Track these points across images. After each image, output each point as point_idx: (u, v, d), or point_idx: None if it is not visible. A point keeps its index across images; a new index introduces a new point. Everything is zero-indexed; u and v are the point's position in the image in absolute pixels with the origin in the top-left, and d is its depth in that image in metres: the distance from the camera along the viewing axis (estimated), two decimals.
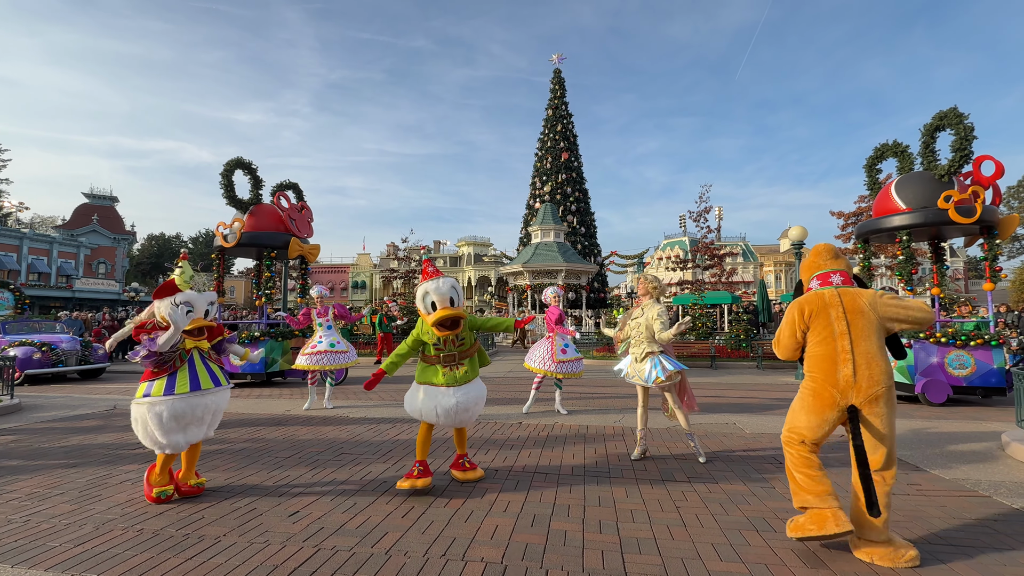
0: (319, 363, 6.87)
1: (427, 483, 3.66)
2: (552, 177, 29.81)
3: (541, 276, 23.04)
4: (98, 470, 4.28)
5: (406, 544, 2.84)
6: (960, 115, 7.51)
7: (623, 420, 6.27)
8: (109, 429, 5.89)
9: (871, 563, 2.59)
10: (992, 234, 7.64)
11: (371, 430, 5.75)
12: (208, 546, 2.83)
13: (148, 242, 64.48)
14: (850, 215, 31.86)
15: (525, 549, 2.78)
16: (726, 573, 2.52)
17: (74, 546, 2.83)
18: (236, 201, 10.24)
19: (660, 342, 4.43)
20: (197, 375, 3.62)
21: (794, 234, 11.56)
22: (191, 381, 3.57)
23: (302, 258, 10.77)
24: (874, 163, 8.92)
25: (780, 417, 6.54)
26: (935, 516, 3.23)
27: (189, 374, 3.59)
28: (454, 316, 3.57)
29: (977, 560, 2.64)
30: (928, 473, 4.10)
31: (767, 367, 12.90)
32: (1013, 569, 2.55)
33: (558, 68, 32.24)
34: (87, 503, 3.50)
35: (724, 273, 20.05)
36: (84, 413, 6.94)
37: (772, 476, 4.04)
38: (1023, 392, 4.83)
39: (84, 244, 38.99)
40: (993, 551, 2.75)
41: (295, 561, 2.64)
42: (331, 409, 6.99)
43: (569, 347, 6.58)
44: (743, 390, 9.15)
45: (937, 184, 7.61)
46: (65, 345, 11.09)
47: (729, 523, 3.12)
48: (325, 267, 52.19)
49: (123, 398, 8.22)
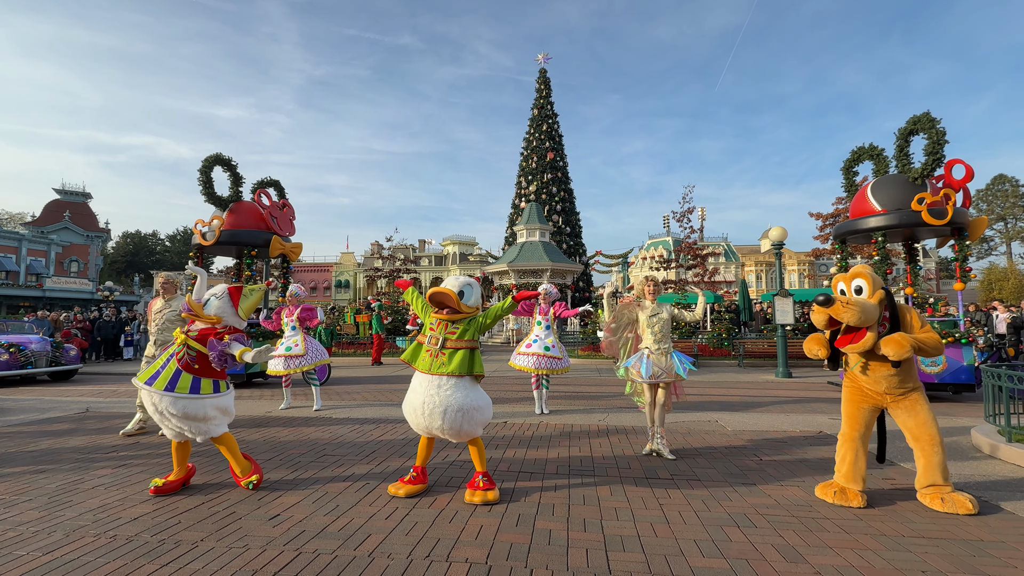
0: (276, 368, 6.77)
1: (415, 489, 3.59)
2: (538, 177, 29.87)
3: (527, 275, 23.08)
4: (69, 475, 4.14)
5: (389, 546, 2.81)
6: (933, 120, 7.74)
7: (608, 419, 6.31)
8: (81, 432, 5.71)
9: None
10: (962, 235, 7.90)
11: (354, 431, 5.68)
12: (185, 551, 2.75)
13: (123, 240, 62.72)
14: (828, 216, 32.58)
15: (510, 549, 2.77)
16: (708, 569, 2.55)
17: (42, 554, 2.73)
18: (215, 198, 10.02)
19: (694, 320, 5.04)
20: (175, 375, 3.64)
21: (774, 235, 11.78)
22: (166, 378, 3.62)
23: (284, 257, 10.59)
24: (851, 166, 9.15)
25: (761, 415, 6.66)
26: (908, 509, 3.32)
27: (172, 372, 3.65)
28: (443, 296, 3.43)
29: (948, 552, 2.73)
30: (902, 467, 4.21)
31: (748, 365, 13.13)
32: (981, 559, 2.64)
33: (543, 68, 32.34)
34: (56, 509, 3.39)
35: (707, 273, 20.30)
36: (55, 416, 6.72)
37: (753, 473, 4.11)
38: (991, 388, 5.00)
39: (55, 242, 37.73)
40: (962, 542, 2.84)
41: (275, 565, 2.59)
42: (315, 410, 6.88)
43: (552, 347, 6.53)
44: (725, 388, 9.29)
45: (911, 187, 7.83)
46: (35, 346, 10.70)
47: (711, 519, 3.16)
48: (308, 266, 51.42)
49: (95, 400, 7.97)
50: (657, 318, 4.62)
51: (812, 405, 7.38)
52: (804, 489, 3.71)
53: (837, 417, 6.34)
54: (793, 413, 6.77)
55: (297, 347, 6.85)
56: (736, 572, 2.52)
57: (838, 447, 3.63)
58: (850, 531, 3.00)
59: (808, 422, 6.13)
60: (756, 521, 3.13)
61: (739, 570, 2.54)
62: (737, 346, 13.62)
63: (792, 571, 2.53)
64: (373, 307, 15.56)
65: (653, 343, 4.59)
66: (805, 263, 47.17)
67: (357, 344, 17.44)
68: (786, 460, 4.48)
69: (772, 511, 3.30)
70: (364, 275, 37.64)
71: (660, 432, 4.59)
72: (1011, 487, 3.77)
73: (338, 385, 9.42)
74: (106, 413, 6.93)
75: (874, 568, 2.56)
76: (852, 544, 2.82)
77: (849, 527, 3.05)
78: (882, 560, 2.64)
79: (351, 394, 8.43)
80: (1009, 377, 4.68)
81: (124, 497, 3.60)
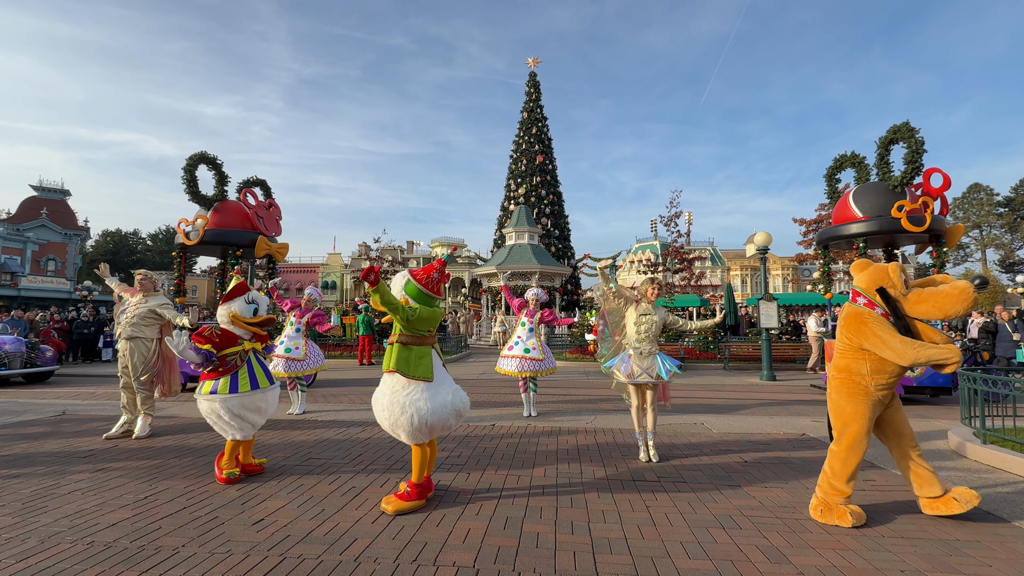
0: (276, 370, 6.63)
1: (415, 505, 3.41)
2: (527, 179, 29.97)
3: (515, 278, 23.09)
4: (44, 480, 4.03)
5: (376, 550, 2.79)
6: (912, 129, 7.95)
7: (595, 421, 6.34)
8: (57, 436, 5.56)
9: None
10: (940, 242, 8.12)
11: (340, 433, 5.62)
12: (165, 558, 2.69)
13: (103, 238, 61.28)
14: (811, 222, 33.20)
15: (497, 552, 2.77)
16: (694, 570, 2.57)
17: (16, 561, 2.65)
18: (200, 197, 9.86)
19: (696, 328, 4.89)
20: (255, 375, 4.07)
21: (759, 240, 11.98)
22: (251, 381, 4.02)
23: (270, 257, 10.45)
24: (834, 173, 9.35)
25: (746, 417, 6.75)
26: (888, 510, 3.39)
27: (248, 374, 4.03)
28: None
29: (925, 552, 2.79)
30: (883, 470, 4.30)
31: (733, 368, 13.30)
32: (958, 559, 2.71)
33: (533, 72, 32.48)
34: (31, 515, 3.29)
35: (693, 277, 20.54)
36: (29, 419, 6.52)
37: (738, 475, 4.16)
38: (967, 391, 5.13)
39: (32, 239, 36.73)
40: (939, 542, 2.91)
41: (259, 571, 2.55)
42: (299, 414, 6.78)
43: (533, 349, 6.51)
44: (711, 391, 9.39)
45: (891, 194, 8.02)
46: (8, 347, 10.38)
47: (697, 521, 3.19)
48: (294, 266, 50.80)
49: (72, 403, 7.76)
50: (647, 318, 4.59)
51: (796, 408, 7.50)
52: (788, 491, 3.76)
53: (820, 420, 6.45)
54: (777, 416, 6.87)
55: (298, 350, 6.76)
56: (721, 573, 2.54)
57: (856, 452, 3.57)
58: (832, 532, 3.05)
59: (792, 424, 6.23)
60: (741, 523, 3.17)
61: (724, 571, 2.56)
62: (723, 349, 13.79)
63: (776, 572, 2.56)
64: (360, 309, 15.43)
65: (636, 341, 4.59)
66: (789, 268, 47.98)
67: (344, 346, 17.26)
68: (770, 462, 4.54)
69: (756, 512, 3.34)
70: (351, 276, 37.30)
71: (650, 440, 4.59)
72: (987, 487, 3.87)
73: (324, 387, 9.31)
74: (84, 416, 6.75)
75: (855, 568, 2.61)
76: (834, 545, 2.87)
77: (831, 528, 3.10)
78: (863, 560, 2.69)
79: (337, 396, 8.34)
80: (984, 381, 4.82)
81: (102, 502, 3.51)
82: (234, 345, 4.00)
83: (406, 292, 3.47)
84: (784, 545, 2.87)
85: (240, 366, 4.02)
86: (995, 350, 10.01)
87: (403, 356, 3.37)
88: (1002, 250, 48.61)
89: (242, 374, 4.00)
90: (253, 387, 4.01)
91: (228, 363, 3.96)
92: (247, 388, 3.97)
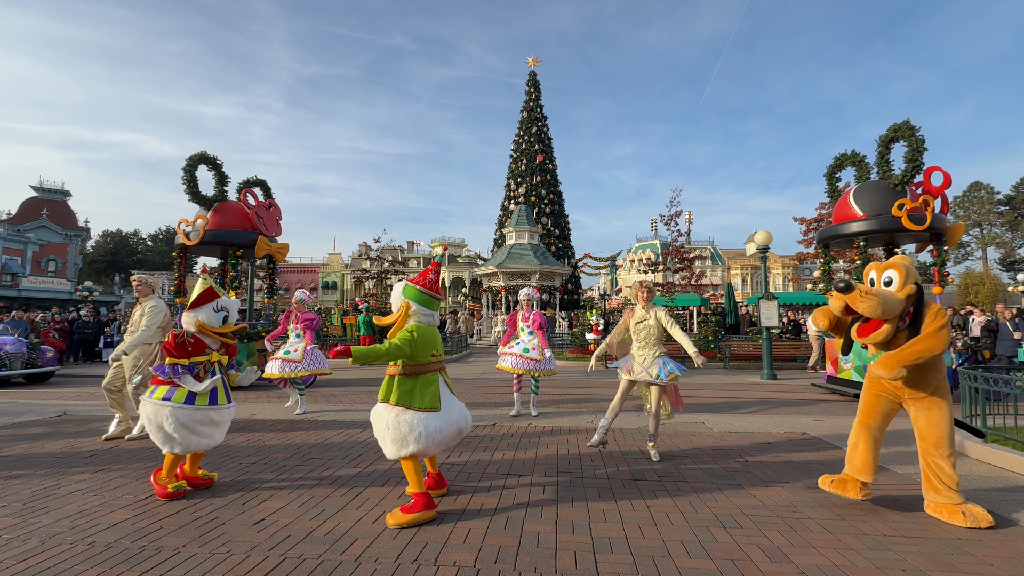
0: (271, 371, 6.74)
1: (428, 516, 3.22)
2: (527, 179, 29.97)
3: (515, 277, 23.11)
4: (44, 480, 4.03)
5: (376, 550, 2.78)
6: (912, 128, 7.94)
7: (596, 421, 6.33)
8: (58, 436, 5.56)
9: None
10: (940, 241, 8.10)
11: (341, 434, 5.62)
12: (166, 558, 2.69)
13: (104, 239, 61.37)
14: (812, 221, 33.17)
15: (498, 552, 2.77)
16: (695, 570, 2.57)
17: (16, 562, 2.65)
18: (200, 197, 9.87)
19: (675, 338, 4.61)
20: (216, 390, 3.77)
21: (760, 239, 11.96)
22: (211, 395, 3.72)
23: (270, 257, 10.46)
24: (834, 172, 9.34)
25: (746, 416, 6.74)
26: (890, 509, 3.38)
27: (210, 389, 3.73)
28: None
29: (927, 551, 2.79)
30: (883, 470, 4.29)
31: (734, 367, 13.29)
32: (959, 558, 2.70)
33: (533, 71, 32.47)
34: (32, 516, 3.29)
35: (693, 276, 20.54)
36: (30, 420, 6.53)
37: (739, 474, 4.15)
38: (968, 390, 5.13)
39: (32, 240, 36.75)
40: (940, 541, 2.90)
41: (260, 571, 2.55)
42: (300, 414, 6.78)
43: (532, 350, 6.56)
44: (711, 390, 9.38)
45: (892, 193, 8.01)
46: (9, 347, 10.39)
47: (698, 521, 3.19)
48: (294, 267, 50.80)
49: (73, 404, 7.76)
50: (643, 324, 4.61)
51: (796, 407, 7.49)
52: (788, 490, 3.76)
53: (821, 419, 6.44)
54: (778, 415, 6.87)
55: (296, 352, 6.81)
56: (722, 572, 2.54)
57: (850, 435, 3.55)
58: (833, 531, 3.04)
59: (792, 423, 6.22)
60: (742, 522, 3.17)
61: (725, 570, 2.56)
62: (723, 348, 13.78)
63: (777, 571, 2.56)
64: (360, 308, 15.45)
65: (638, 349, 4.63)
66: (790, 267, 47.97)
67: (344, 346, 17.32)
68: (771, 461, 4.54)
69: (757, 512, 3.34)
70: (352, 276, 37.32)
71: (653, 442, 4.62)
72: (989, 485, 3.87)
73: (324, 388, 9.31)
74: (84, 416, 6.75)
75: (856, 567, 2.60)
76: (835, 544, 2.87)
77: (832, 527, 3.10)
78: (864, 559, 2.69)
79: (337, 397, 8.34)
80: (985, 379, 4.81)
81: (103, 503, 3.51)
82: (202, 354, 3.72)
83: (406, 296, 3.43)
84: (785, 544, 2.86)
85: (203, 378, 3.71)
86: (996, 348, 10.00)
87: (406, 388, 3.16)
88: (1003, 248, 48.58)
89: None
90: (211, 402, 3.69)
91: (193, 372, 3.67)
92: (204, 403, 3.65)
